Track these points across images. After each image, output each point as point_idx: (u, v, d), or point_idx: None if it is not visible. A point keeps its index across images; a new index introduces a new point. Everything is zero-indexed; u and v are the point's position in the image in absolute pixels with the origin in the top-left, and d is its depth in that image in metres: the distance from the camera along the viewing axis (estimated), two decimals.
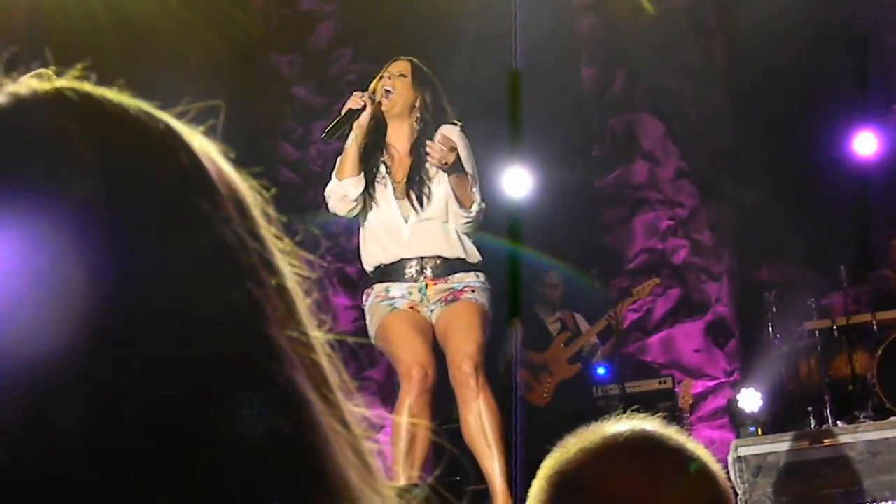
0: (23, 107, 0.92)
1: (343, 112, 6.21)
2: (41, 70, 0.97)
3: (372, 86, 6.35)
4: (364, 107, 6.16)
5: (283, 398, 0.90)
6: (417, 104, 6.24)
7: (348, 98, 6.31)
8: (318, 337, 0.98)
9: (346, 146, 6.22)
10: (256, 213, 0.97)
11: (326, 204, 6.34)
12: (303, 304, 0.98)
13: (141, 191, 0.90)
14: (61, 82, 0.95)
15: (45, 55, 1.02)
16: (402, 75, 6.26)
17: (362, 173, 6.20)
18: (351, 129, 6.19)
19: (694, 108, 13.13)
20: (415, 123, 6.25)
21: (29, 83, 0.94)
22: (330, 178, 6.35)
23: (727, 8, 13.07)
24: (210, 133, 1.00)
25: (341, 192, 6.19)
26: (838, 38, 12.59)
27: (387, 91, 6.25)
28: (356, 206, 6.22)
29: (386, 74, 6.32)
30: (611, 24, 13.23)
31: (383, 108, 6.24)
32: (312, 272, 1.02)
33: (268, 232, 0.98)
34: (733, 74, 13.25)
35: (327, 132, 6.28)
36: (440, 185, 6.19)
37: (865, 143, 12.86)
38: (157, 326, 0.86)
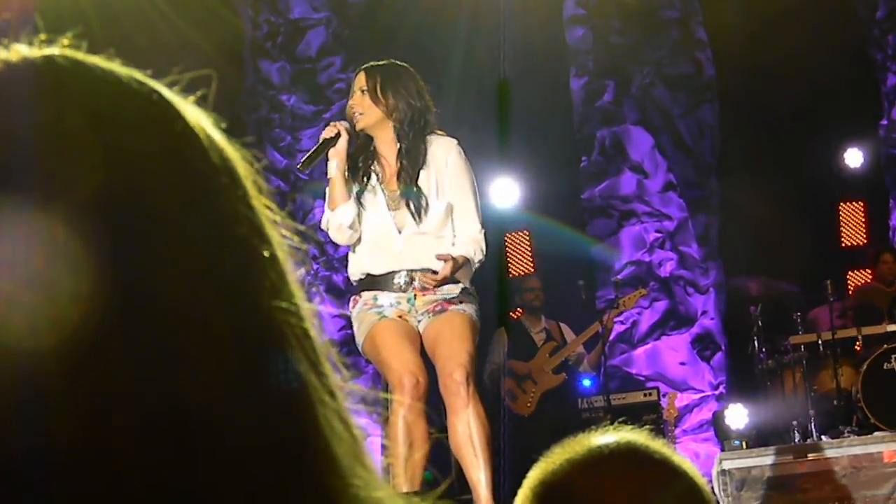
0: (11, 72, 0.91)
1: (319, 142, 6.18)
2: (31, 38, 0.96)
3: (348, 104, 6.30)
4: (338, 135, 6.11)
5: (270, 367, 0.89)
6: (386, 112, 6.17)
7: (324, 127, 6.26)
8: (309, 308, 0.97)
9: (329, 175, 6.17)
10: (248, 183, 0.96)
11: (328, 235, 6.30)
12: (293, 275, 0.97)
13: (132, 159, 0.89)
14: (51, 50, 0.94)
15: (35, 24, 0.99)
16: (361, 90, 6.18)
17: (352, 197, 6.16)
18: (328, 158, 6.14)
19: (683, 121, 13.15)
20: (393, 131, 6.20)
21: (18, 50, 0.93)
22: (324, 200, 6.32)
23: (717, 21, 13.10)
24: (200, 103, 0.99)
25: (336, 221, 6.13)
26: (828, 52, 12.62)
27: (353, 110, 6.20)
28: (354, 232, 6.17)
29: (353, 91, 6.26)
30: (601, 36, 13.25)
31: (358, 127, 6.18)
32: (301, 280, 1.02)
33: (259, 202, 0.97)
34: (722, 87, 13.28)
35: (302, 163, 6.24)
36: (438, 201, 6.15)
37: (854, 157, 12.92)
38: (145, 293, 0.85)
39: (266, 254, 0.94)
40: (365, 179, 6.22)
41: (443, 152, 6.18)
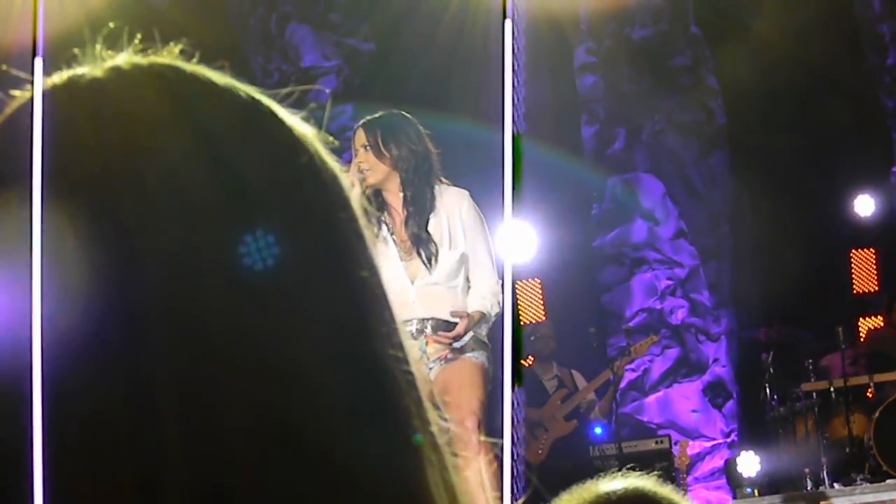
0: (123, 80, 0.85)
1: None
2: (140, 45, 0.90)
3: (353, 162, 6.26)
4: (352, 186, 6.08)
5: (385, 419, 0.83)
6: (392, 164, 6.14)
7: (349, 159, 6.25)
8: (413, 347, 0.89)
9: None
10: (356, 205, 0.90)
11: None
12: (396, 310, 0.89)
13: (256, 193, 0.83)
14: (162, 58, 0.88)
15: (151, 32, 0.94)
16: (364, 146, 6.15)
17: None
18: None
19: (694, 168, 13.16)
20: (400, 181, 6.18)
21: (128, 58, 0.87)
22: None
23: (728, 69, 13.13)
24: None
25: None
26: (840, 99, 12.64)
27: (360, 168, 6.16)
28: None
29: (355, 148, 6.22)
30: (612, 83, 13.28)
31: (368, 184, 6.16)
32: None
33: (370, 231, 0.90)
34: (733, 135, 13.29)
35: None
36: (451, 251, 6.14)
37: (865, 204, 12.90)
38: (265, 339, 0.79)
39: (378, 292, 0.87)
40: (376, 231, 6.21)
41: (455, 204, 6.17)
